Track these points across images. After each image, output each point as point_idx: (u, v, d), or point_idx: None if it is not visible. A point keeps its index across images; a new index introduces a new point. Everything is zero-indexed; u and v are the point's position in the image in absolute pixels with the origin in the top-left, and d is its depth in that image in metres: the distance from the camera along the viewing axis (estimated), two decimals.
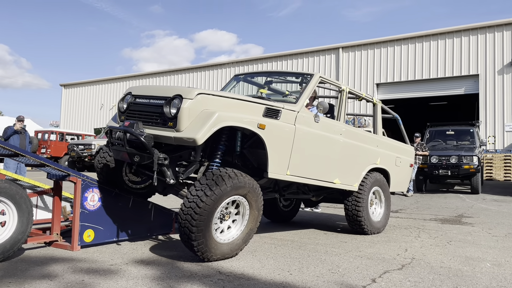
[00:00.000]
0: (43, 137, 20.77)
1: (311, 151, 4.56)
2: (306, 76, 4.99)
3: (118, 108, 4.22)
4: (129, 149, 3.79)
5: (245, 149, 4.41)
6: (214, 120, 3.58)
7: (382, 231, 5.68)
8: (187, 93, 3.66)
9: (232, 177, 3.73)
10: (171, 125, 3.65)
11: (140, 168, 4.25)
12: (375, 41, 20.02)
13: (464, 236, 5.50)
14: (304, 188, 5.30)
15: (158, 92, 3.91)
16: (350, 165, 5.18)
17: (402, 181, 6.43)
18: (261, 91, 5.09)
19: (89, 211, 4.17)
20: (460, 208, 8.74)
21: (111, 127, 4.09)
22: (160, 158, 3.68)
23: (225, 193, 3.67)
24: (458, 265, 3.93)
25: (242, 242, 3.99)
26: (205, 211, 3.55)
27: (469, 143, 12.81)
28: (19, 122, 9.95)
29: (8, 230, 3.59)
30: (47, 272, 3.34)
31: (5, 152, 4.39)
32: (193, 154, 4.01)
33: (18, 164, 9.46)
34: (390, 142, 6.15)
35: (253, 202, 4.00)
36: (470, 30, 17.87)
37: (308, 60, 21.97)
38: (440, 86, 18.76)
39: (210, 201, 3.58)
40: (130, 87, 4.29)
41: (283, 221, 6.49)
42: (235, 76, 5.71)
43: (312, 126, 4.57)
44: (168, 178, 3.81)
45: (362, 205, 5.33)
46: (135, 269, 3.48)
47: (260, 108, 4.09)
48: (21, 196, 3.66)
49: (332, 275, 3.50)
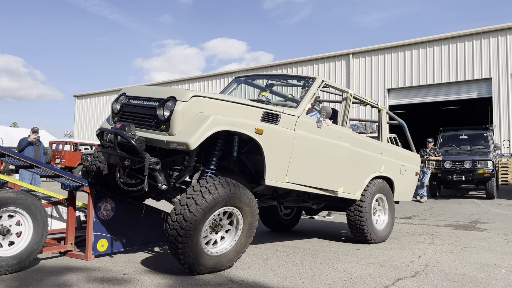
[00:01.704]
0: (57, 147, 21.07)
1: (311, 158, 4.39)
2: (308, 79, 4.82)
3: (112, 109, 4.08)
4: (119, 152, 3.65)
5: (242, 154, 4.23)
6: (209, 124, 3.45)
7: (386, 240, 5.49)
8: (181, 95, 3.53)
9: (225, 187, 3.57)
10: (164, 128, 3.50)
11: (132, 171, 4.11)
12: (385, 47, 19.95)
13: (479, 242, 5.43)
14: (304, 196, 5.14)
15: (152, 93, 3.77)
16: (353, 173, 4.99)
17: (407, 190, 6.21)
18: (262, 94, 4.96)
19: (102, 220, 4.22)
20: (475, 213, 8.62)
21: (102, 128, 3.96)
22: (151, 162, 3.53)
23: (217, 203, 3.51)
24: (473, 272, 3.88)
25: (234, 254, 3.80)
26: (192, 223, 3.39)
27: (483, 148, 12.65)
28: (34, 133, 10.10)
29: (24, 240, 3.65)
30: (62, 281, 3.39)
31: (20, 164, 4.47)
32: (187, 159, 3.85)
33: (33, 175, 9.60)
34: (395, 150, 5.99)
35: (248, 214, 3.81)
36: (482, 33, 17.72)
37: (318, 67, 21.97)
38: (453, 90, 18.58)
39: (200, 211, 3.41)
40: (125, 88, 4.15)
41: (283, 230, 6.34)
42: (235, 78, 5.52)
43: (313, 132, 4.41)
44: (160, 183, 3.65)
45: (365, 213, 5.14)
46: (148, 278, 3.51)
47: (258, 112, 3.95)
48: (36, 207, 3.72)
49: (345, 283, 3.49)
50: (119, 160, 3.70)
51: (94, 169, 4.43)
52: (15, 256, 3.56)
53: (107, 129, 3.88)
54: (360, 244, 5.27)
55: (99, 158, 4.41)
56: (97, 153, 4.46)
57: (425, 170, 11.52)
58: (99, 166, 4.39)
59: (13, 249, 3.59)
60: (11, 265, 3.52)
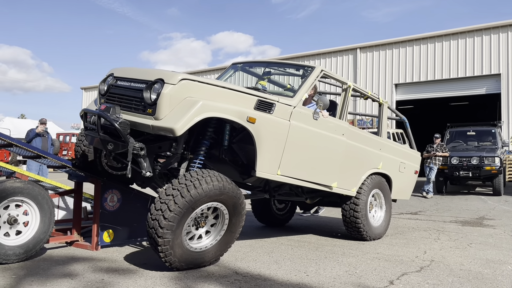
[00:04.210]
0: (65, 139, 21.21)
1: (306, 151, 4.22)
2: (307, 68, 4.61)
3: (99, 90, 3.87)
4: (102, 135, 3.48)
5: (234, 144, 4.05)
6: (197, 109, 3.27)
7: (382, 236, 5.33)
8: (170, 78, 3.34)
9: (213, 181, 3.40)
10: (150, 112, 3.32)
11: (117, 156, 3.91)
12: (393, 41, 19.79)
13: (485, 238, 5.40)
14: (297, 189, 4.96)
15: (140, 75, 3.57)
16: (350, 168, 4.81)
17: (405, 188, 6.03)
18: (260, 82, 4.81)
19: (108, 211, 4.25)
20: (482, 210, 8.57)
21: (86, 110, 3.79)
22: (135, 147, 3.37)
23: (203, 197, 3.33)
24: (479, 268, 3.86)
25: (217, 252, 3.64)
26: (176, 215, 3.21)
27: (491, 144, 12.55)
28: (41, 124, 10.16)
29: (30, 230, 3.69)
30: (68, 271, 3.42)
31: (28, 154, 4.51)
32: (174, 145, 3.67)
33: (41, 166, 9.67)
34: (395, 146, 5.78)
35: (234, 212, 3.63)
36: (492, 28, 17.52)
37: (325, 61, 21.85)
38: (461, 86, 18.42)
39: (185, 204, 3.24)
40: (113, 69, 3.93)
41: (277, 225, 6.18)
42: (232, 64, 5.24)
43: (309, 123, 4.22)
44: (144, 170, 3.48)
45: (361, 209, 4.94)
46: (153, 269, 3.52)
47: (252, 100, 3.75)
48: (43, 197, 3.75)
49: (349, 276, 3.48)
50: (102, 143, 3.52)
51: (80, 152, 4.33)
52: (22, 245, 3.59)
53: (90, 110, 3.72)
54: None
55: (83, 141, 4.30)
56: (81, 136, 4.36)
57: (432, 166, 11.46)
58: (84, 149, 4.28)
59: (20, 239, 3.62)
60: (18, 254, 3.55)
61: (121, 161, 4.04)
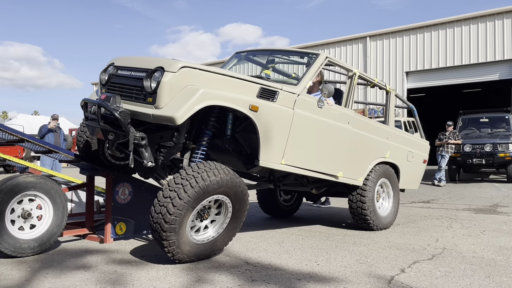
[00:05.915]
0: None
1: (311, 140, 4.15)
2: (311, 56, 4.53)
3: (100, 80, 3.83)
4: (102, 125, 3.45)
5: (237, 133, 3.98)
6: (198, 97, 3.21)
7: (390, 226, 5.25)
8: (170, 66, 3.28)
9: (221, 174, 3.36)
10: (151, 101, 3.27)
11: (119, 146, 3.91)
12: (403, 28, 19.51)
13: (498, 225, 5.35)
14: (302, 179, 4.89)
15: (141, 63, 3.53)
16: (356, 157, 4.73)
17: (413, 178, 5.91)
18: (264, 71, 4.74)
19: (120, 204, 4.30)
20: (495, 197, 8.47)
21: (86, 99, 3.76)
22: (136, 137, 3.33)
23: (210, 189, 3.30)
24: (492, 255, 3.83)
25: (225, 238, 3.65)
26: (185, 204, 3.19)
27: (504, 131, 12.37)
28: (54, 120, 10.28)
29: (44, 223, 3.75)
30: (82, 263, 3.47)
31: (41, 149, 4.57)
32: (176, 135, 3.62)
33: (54, 162, 9.81)
34: (403, 135, 5.68)
35: (237, 204, 3.61)
36: (504, 13, 17.17)
37: (334, 51, 21.67)
38: (473, 73, 18.13)
39: (194, 194, 3.21)
40: (114, 58, 3.88)
41: (284, 217, 6.11)
42: (236, 53, 5.16)
43: (314, 111, 4.15)
44: (146, 160, 3.43)
45: (368, 199, 4.87)
46: (165, 261, 3.56)
47: (255, 88, 3.70)
48: (56, 191, 3.80)
49: (360, 265, 3.48)
50: (102, 133, 3.50)
51: (82, 142, 4.34)
52: (37, 238, 3.66)
53: (91, 100, 3.70)
54: None
55: (85, 132, 4.30)
56: (83, 127, 4.36)
57: (444, 154, 11.35)
58: (87, 139, 4.29)
59: (34, 232, 3.69)
60: (33, 248, 3.62)
61: (124, 151, 4.02)
